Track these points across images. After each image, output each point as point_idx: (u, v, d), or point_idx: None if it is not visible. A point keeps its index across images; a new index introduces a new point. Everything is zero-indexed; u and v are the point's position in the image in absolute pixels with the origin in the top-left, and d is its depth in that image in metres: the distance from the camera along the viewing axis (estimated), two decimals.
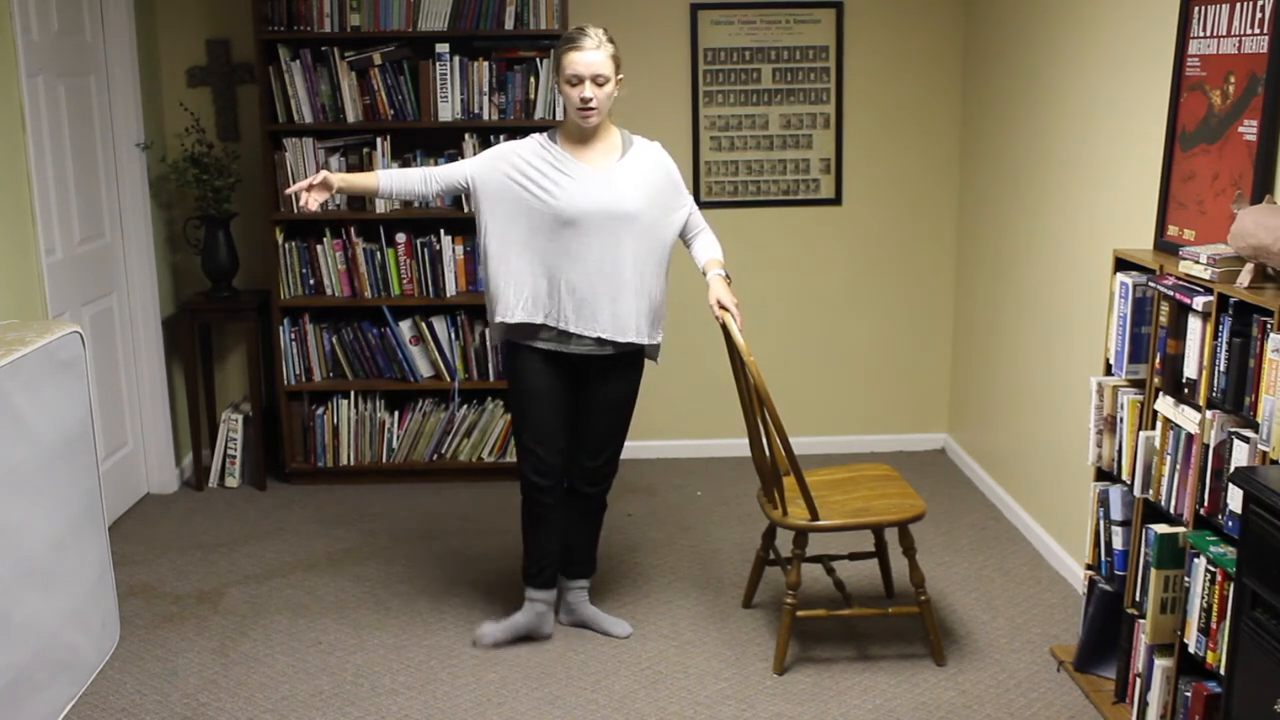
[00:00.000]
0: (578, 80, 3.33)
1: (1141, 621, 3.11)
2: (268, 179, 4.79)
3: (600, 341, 3.46)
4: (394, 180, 3.53)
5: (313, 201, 3.39)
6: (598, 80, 3.33)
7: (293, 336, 4.93)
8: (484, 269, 3.50)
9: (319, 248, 4.86)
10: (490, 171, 3.46)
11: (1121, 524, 3.26)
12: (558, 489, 3.60)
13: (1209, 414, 2.79)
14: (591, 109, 3.35)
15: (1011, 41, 4.58)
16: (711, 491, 4.98)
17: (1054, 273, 4.20)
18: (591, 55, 3.32)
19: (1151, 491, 3.07)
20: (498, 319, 3.48)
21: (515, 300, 3.44)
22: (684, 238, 3.61)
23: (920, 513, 3.49)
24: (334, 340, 4.98)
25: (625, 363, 3.54)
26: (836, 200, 5.22)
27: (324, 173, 3.42)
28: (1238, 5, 3.03)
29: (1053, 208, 4.20)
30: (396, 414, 5.01)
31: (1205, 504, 2.82)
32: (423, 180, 3.53)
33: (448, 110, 4.79)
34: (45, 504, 3.24)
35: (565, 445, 3.57)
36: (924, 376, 5.42)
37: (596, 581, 3.96)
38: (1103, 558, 3.35)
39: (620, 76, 3.41)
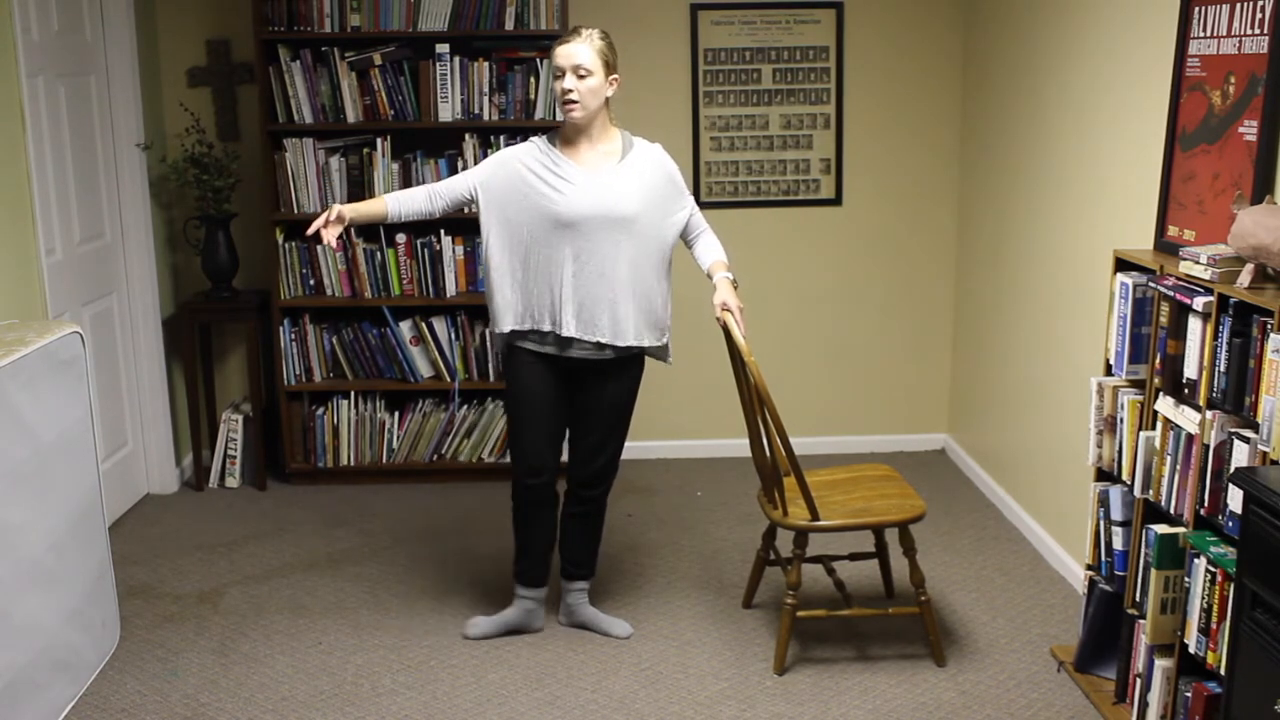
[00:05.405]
0: (560, 73, 3.35)
1: (1141, 622, 3.11)
2: (268, 179, 4.79)
3: (599, 346, 3.47)
4: (401, 203, 3.54)
5: (332, 237, 3.40)
6: (579, 72, 3.34)
7: (293, 337, 4.93)
8: (485, 277, 3.51)
9: (319, 248, 4.86)
10: (493, 177, 3.48)
11: (1121, 524, 3.26)
12: (548, 489, 3.63)
13: (1209, 414, 2.79)
14: (573, 102, 3.35)
15: (1011, 41, 4.58)
16: (711, 491, 4.98)
17: (1054, 273, 4.20)
18: (573, 47, 3.34)
19: (1151, 492, 3.07)
20: (496, 329, 3.51)
21: (514, 310, 3.47)
22: (685, 239, 3.61)
23: (920, 513, 3.49)
24: (334, 340, 4.98)
25: (623, 366, 3.54)
26: (836, 200, 5.23)
27: (336, 207, 3.43)
28: (1238, 5, 3.03)
29: (1053, 208, 4.20)
30: (396, 414, 5.01)
31: (1205, 504, 2.82)
32: (428, 198, 3.54)
33: (448, 110, 4.79)
34: (45, 504, 3.24)
35: (558, 447, 3.60)
36: (924, 376, 5.42)
37: (596, 582, 3.96)
38: (1103, 558, 3.35)
39: (615, 76, 3.41)
